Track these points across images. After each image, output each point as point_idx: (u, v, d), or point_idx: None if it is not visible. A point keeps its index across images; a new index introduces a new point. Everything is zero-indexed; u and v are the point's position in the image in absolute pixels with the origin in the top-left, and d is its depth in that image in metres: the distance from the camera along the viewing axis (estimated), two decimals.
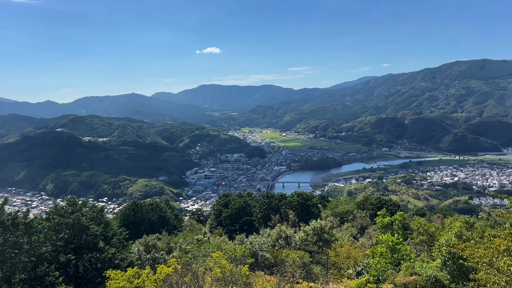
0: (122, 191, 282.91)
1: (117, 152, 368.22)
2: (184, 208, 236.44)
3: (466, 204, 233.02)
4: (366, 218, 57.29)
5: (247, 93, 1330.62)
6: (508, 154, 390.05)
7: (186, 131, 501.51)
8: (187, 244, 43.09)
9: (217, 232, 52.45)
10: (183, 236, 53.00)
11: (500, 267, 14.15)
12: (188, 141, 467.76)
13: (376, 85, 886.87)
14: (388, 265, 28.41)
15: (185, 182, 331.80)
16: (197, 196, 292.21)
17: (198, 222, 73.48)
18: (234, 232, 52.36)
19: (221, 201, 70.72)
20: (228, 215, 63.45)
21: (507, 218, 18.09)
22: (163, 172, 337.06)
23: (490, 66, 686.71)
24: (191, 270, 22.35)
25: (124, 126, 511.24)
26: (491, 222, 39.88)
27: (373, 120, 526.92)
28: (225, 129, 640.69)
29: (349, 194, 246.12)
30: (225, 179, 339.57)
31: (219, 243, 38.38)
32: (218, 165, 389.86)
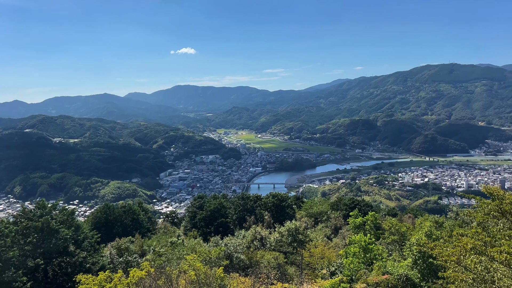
0: (94, 194, 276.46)
1: (88, 153, 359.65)
2: (158, 211, 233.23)
3: (435, 204, 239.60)
4: (339, 218, 58.13)
5: (222, 94, 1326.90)
6: (475, 156, 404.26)
7: (160, 132, 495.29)
8: (160, 247, 42.52)
9: (191, 235, 52.00)
10: (156, 239, 52.31)
11: (467, 265, 14.61)
12: (162, 142, 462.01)
13: (350, 88, 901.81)
14: (361, 264, 28.90)
15: (159, 184, 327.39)
16: (171, 198, 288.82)
17: (172, 224, 72.70)
18: (209, 234, 52.05)
19: (196, 203, 70.22)
20: (203, 217, 63.02)
21: (474, 217, 18.71)
22: (136, 174, 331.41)
23: (458, 70, 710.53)
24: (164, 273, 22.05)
25: (96, 127, 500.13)
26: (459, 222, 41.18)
27: (346, 122, 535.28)
28: (200, 130, 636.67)
29: (323, 195, 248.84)
30: (200, 180, 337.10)
31: (193, 245, 38.02)
32: (193, 167, 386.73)
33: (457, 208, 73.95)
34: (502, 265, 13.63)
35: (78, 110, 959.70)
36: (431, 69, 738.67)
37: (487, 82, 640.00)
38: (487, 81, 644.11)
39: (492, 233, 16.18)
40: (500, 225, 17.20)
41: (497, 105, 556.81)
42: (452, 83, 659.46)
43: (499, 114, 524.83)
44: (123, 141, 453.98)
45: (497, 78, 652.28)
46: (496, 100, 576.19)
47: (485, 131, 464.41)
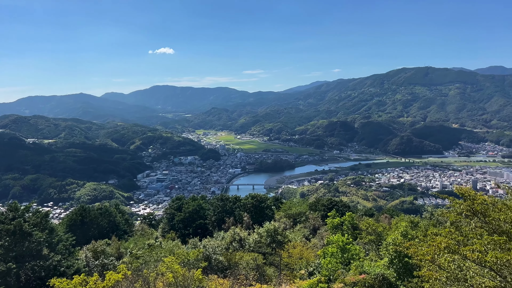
0: (69, 195, 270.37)
1: (64, 154, 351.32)
2: (135, 213, 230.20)
3: (411, 204, 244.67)
4: (318, 219, 58.67)
5: (201, 95, 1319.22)
6: (449, 157, 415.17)
7: (137, 133, 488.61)
8: (138, 249, 41.99)
9: (169, 236, 51.49)
10: (134, 241, 51.65)
11: (441, 263, 14.97)
12: (139, 143, 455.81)
13: (328, 90, 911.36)
14: (338, 264, 29.22)
15: (137, 186, 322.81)
16: (149, 200, 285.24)
17: (150, 226, 71.87)
18: (187, 236, 51.72)
19: (174, 205, 69.69)
20: (181, 219, 62.59)
21: (448, 217, 19.20)
22: (113, 175, 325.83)
23: (433, 73, 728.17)
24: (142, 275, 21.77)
25: (72, 127, 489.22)
26: (433, 221, 42.21)
27: (325, 124, 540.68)
28: (179, 131, 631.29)
29: (302, 195, 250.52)
30: (178, 182, 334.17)
31: (171, 247, 37.66)
32: (171, 168, 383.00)
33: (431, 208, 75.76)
34: (474, 263, 14.02)
35: (53, 110, 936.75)
36: (407, 72, 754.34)
37: (460, 85, 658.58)
38: (460, 84, 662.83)
39: (465, 233, 16.63)
40: (472, 225, 17.71)
41: (469, 108, 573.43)
42: (427, 86, 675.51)
43: (471, 117, 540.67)
44: (100, 142, 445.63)
45: (469, 82, 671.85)
46: (469, 103, 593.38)
47: (459, 133, 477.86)
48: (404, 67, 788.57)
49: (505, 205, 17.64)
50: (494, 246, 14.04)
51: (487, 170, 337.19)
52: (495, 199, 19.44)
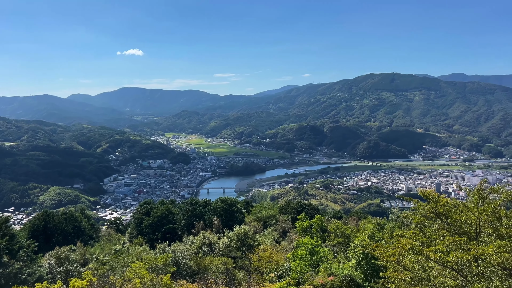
0: (32, 200, 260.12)
1: (26, 157, 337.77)
2: (101, 217, 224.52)
3: (378, 207, 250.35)
4: (287, 222, 59.13)
5: (171, 97, 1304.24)
6: (414, 160, 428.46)
7: (105, 136, 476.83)
8: (104, 255, 40.93)
9: (137, 242, 50.45)
10: (100, 247, 50.39)
11: (406, 264, 15.39)
12: (107, 146, 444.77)
13: (298, 94, 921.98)
14: (307, 267, 29.52)
15: (103, 190, 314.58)
16: (116, 205, 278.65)
17: (117, 231, 70.20)
18: (156, 241, 50.89)
19: (142, 209, 68.44)
20: (149, 224, 61.52)
21: (412, 219, 19.79)
22: (78, 179, 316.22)
23: (399, 79, 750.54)
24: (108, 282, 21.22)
25: (35, 129, 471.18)
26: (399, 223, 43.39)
27: (295, 128, 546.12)
28: (148, 134, 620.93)
29: (272, 199, 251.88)
30: (147, 186, 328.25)
31: (139, 252, 36.93)
32: (139, 172, 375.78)
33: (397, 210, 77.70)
34: (436, 263, 14.50)
35: (15, 112, 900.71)
36: (374, 78, 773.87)
37: (425, 91, 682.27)
38: (425, 90, 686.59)
39: (428, 234, 17.19)
40: (435, 226, 18.33)
41: (433, 113, 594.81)
42: (393, 91, 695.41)
43: (435, 122, 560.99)
44: (65, 145, 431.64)
45: (433, 88, 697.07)
46: (432, 109, 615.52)
47: (423, 138, 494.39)
48: (372, 73, 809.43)
49: (466, 207, 18.37)
50: (456, 247, 14.56)
51: (449, 173, 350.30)
52: (456, 201, 20.22)
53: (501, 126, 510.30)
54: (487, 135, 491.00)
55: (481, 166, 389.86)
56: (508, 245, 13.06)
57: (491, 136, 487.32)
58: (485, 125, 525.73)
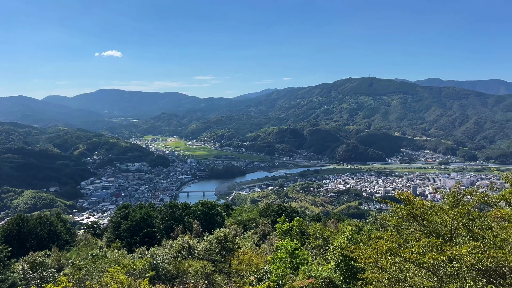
0: (5, 204, 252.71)
1: None
2: (78, 221, 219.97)
3: (356, 209, 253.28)
4: (268, 225, 59.20)
5: (150, 99, 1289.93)
6: (391, 163, 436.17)
7: (82, 138, 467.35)
8: (80, 259, 40.11)
9: (115, 246, 49.61)
10: (76, 252, 49.38)
11: (383, 266, 15.63)
12: (84, 149, 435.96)
13: (278, 97, 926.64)
14: (287, 269, 29.61)
15: (80, 193, 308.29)
16: (93, 208, 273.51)
17: (94, 236, 68.86)
18: (134, 245, 50.23)
19: (120, 213, 67.45)
20: (127, 227, 60.65)
21: (390, 221, 20.13)
22: (54, 182, 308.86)
23: (377, 84, 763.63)
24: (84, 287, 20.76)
25: (9, 131, 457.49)
26: (377, 225, 44.06)
27: (275, 131, 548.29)
28: (126, 136, 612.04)
29: (252, 202, 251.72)
30: (125, 189, 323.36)
31: (117, 257, 36.34)
32: (117, 175, 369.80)
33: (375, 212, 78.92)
34: (413, 265, 14.78)
35: None
36: (353, 82, 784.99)
37: (402, 95, 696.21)
38: (402, 94, 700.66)
39: (405, 235, 17.50)
40: (412, 228, 18.70)
41: (410, 117, 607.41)
42: (372, 95, 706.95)
43: (412, 126, 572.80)
44: (40, 147, 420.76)
45: (410, 92, 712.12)
46: (409, 113, 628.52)
47: (400, 141, 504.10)
48: (350, 77, 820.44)
49: (441, 209, 18.79)
50: (431, 248, 14.87)
51: (426, 176, 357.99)
52: (432, 203, 20.66)
53: (474, 130, 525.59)
54: (462, 138, 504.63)
55: (456, 169, 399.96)
56: (481, 246, 13.42)
57: (466, 139, 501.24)
58: (460, 129, 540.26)
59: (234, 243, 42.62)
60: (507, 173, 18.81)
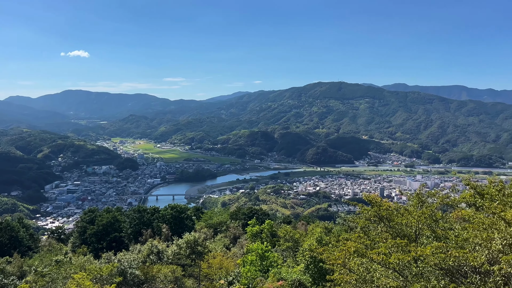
0: None
1: None
2: (42, 227, 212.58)
3: (326, 211, 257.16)
4: (238, 228, 59.14)
5: (119, 101, 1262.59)
6: (359, 166, 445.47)
7: (46, 141, 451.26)
8: (44, 266, 38.72)
9: (80, 251, 48.25)
10: (39, 258, 47.67)
11: (351, 267, 15.92)
12: (48, 151, 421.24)
13: (250, 100, 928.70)
14: (257, 272, 29.64)
15: (44, 198, 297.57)
16: (58, 213, 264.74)
17: (59, 241, 66.71)
18: (101, 250, 48.97)
19: (86, 217, 65.73)
20: (94, 232, 59.14)
21: (357, 222, 20.54)
22: (16, 186, 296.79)
23: (345, 88, 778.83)
24: None
25: None
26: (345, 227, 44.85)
27: (246, 134, 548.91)
28: (93, 139, 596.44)
29: (223, 205, 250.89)
30: (91, 193, 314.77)
31: (82, 263, 35.32)
32: (83, 178, 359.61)
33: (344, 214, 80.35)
34: (380, 265, 15.13)
35: None
36: (323, 86, 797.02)
37: (370, 100, 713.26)
38: (370, 99, 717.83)
39: (372, 237, 17.90)
40: (379, 229, 19.14)
41: (377, 121, 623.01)
42: (340, 99, 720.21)
43: (379, 129, 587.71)
44: (1, 150, 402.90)
45: (377, 97, 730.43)
46: (376, 117, 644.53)
47: (368, 144, 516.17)
48: (320, 81, 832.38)
49: (406, 210, 19.34)
50: (397, 249, 15.27)
51: (392, 179, 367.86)
52: (398, 205, 21.22)
53: (438, 134, 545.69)
54: (426, 142, 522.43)
55: (421, 171, 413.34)
56: (443, 246, 13.90)
57: (430, 143, 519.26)
58: (425, 132, 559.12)
59: (204, 247, 42.29)
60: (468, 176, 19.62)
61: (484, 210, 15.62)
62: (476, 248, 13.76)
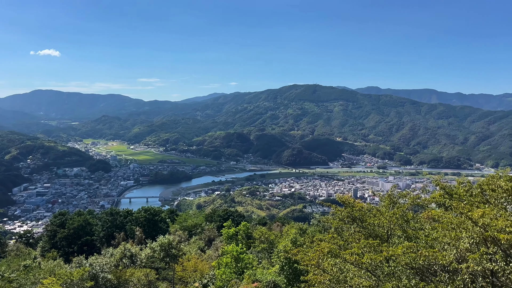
0: None
1: None
2: (9, 231, 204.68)
3: (301, 212, 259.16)
4: (213, 230, 58.86)
5: (91, 101, 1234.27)
6: (334, 168, 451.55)
7: (14, 142, 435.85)
8: (11, 271, 37.37)
9: (50, 256, 46.85)
10: (6, 263, 45.96)
11: (325, 267, 16.09)
12: (16, 153, 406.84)
13: (225, 102, 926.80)
14: (232, 274, 29.57)
15: (12, 201, 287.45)
16: (27, 216, 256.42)
17: (27, 245, 64.57)
18: (71, 255, 47.71)
19: (57, 221, 63.90)
20: (64, 236, 57.58)
21: (331, 223, 20.79)
22: None
23: (320, 91, 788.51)
24: None
25: None
26: (320, 227, 45.34)
27: (222, 135, 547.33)
28: (64, 140, 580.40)
29: (198, 207, 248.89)
30: (62, 196, 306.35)
31: (52, 267, 34.30)
32: (54, 181, 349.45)
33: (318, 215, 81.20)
34: (353, 265, 15.36)
35: None
36: (298, 88, 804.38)
37: (343, 102, 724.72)
38: (343, 101, 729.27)
39: (345, 237, 18.15)
40: (352, 230, 19.44)
41: (351, 123, 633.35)
42: (315, 102, 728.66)
43: (352, 131, 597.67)
44: None
45: (351, 100, 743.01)
46: (350, 119, 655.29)
47: (342, 146, 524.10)
48: (295, 84, 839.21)
49: (378, 211, 19.73)
50: (370, 249, 15.55)
51: (365, 180, 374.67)
52: (371, 206, 21.62)
53: (410, 136, 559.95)
54: (398, 144, 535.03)
55: (393, 172, 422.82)
56: (414, 246, 14.25)
57: (402, 145, 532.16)
58: (396, 135, 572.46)
59: (179, 250, 41.87)
60: (437, 177, 20.18)
61: (453, 210, 16.10)
62: (445, 247, 14.16)
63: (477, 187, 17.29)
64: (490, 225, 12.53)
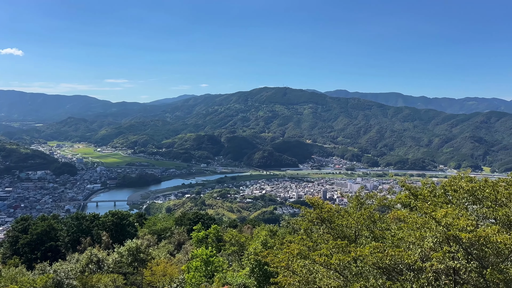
0: None
1: None
2: None
3: (271, 214, 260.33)
4: (183, 233, 58.21)
5: (56, 102, 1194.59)
6: (303, 169, 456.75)
7: None
8: None
9: (12, 263, 44.97)
10: None
11: (294, 269, 16.21)
12: None
13: (196, 104, 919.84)
14: (202, 278, 29.33)
15: None
16: None
17: None
18: (35, 261, 46.07)
19: (19, 226, 61.51)
20: (27, 242, 55.44)
21: (301, 224, 20.99)
22: None
23: (290, 93, 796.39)
24: None
25: None
26: (290, 229, 45.67)
27: (192, 137, 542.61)
28: (27, 142, 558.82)
29: (168, 210, 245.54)
30: (25, 200, 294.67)
31: (13, 275, 32.93)
32: (16, 184, 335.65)
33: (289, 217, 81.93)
34: (321, 266, 15.55)
35: None
36: (268, 91, 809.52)
37: (313, 105, 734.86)
38: (313, 104, 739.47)
39: (314, 238, 18.36)
40: (321, 231, 19.70)
41: (320, 126, 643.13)
42: (286, 104, 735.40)
43: (322, 134, 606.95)
44: None
45: (320, 103, 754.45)
46: (320, 122, 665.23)
47: (312, 148, 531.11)
48: (266, 86, 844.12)
49: (346, 212, 20.08)
50: (338, 250, 15.79)
51: (334, 181, 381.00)
52: (339, 207, 21.99)
53: (377, 138, 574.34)
54: (366, 146, 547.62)
55: (361, 174, 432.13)
56: (381, 246, 14.59)
57: (369, 147, 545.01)
58: (364, 137, 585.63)
59: (147, 254, 41.15)
60: (403, 178, 20.78)
61: (418, 210, 16.60)
62: (410, 247, 14.58)
63: (441, 188, 17.93)
64: (453, 225, 13.00)
